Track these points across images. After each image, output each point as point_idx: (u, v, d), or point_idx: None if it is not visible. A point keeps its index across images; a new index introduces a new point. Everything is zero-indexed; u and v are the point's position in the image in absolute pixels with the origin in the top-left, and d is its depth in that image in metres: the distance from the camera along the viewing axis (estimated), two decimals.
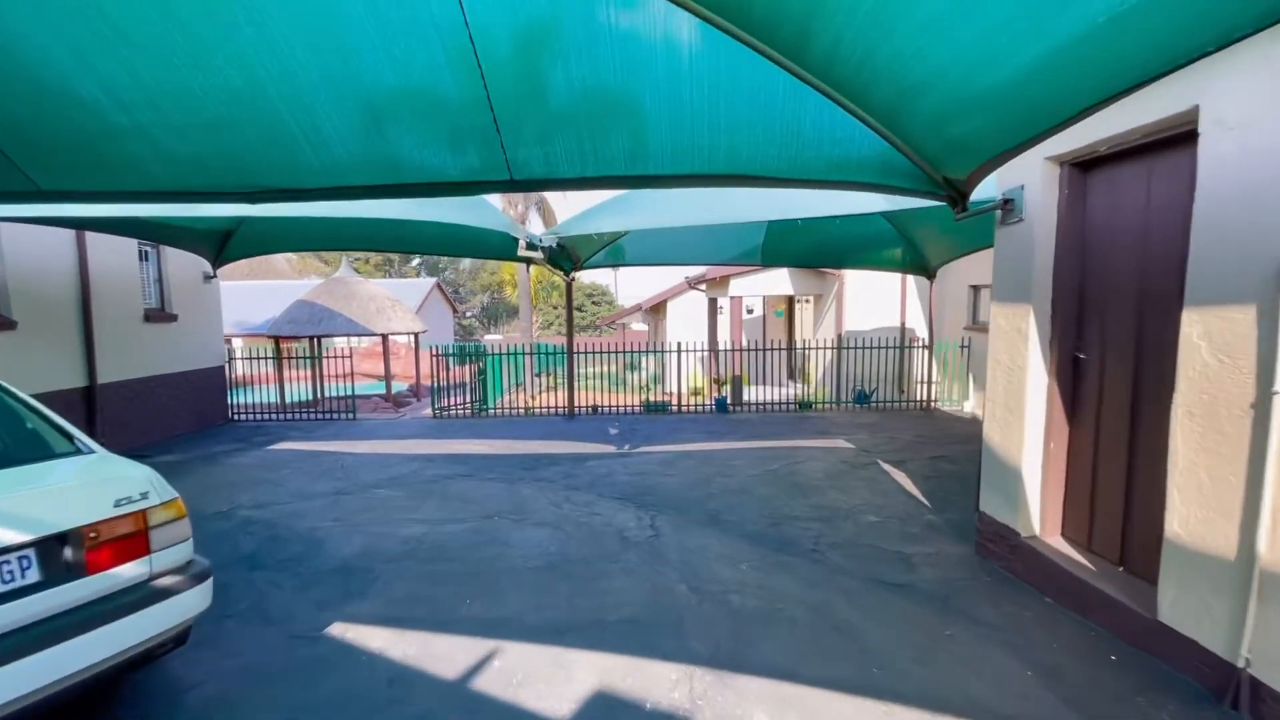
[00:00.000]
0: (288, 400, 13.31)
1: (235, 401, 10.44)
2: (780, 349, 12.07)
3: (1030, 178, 3.74)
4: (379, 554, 4.52)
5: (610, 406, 10.76)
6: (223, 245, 9.10)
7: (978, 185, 3.80)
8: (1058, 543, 3.75)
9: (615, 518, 5.27)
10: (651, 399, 10.87)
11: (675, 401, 10.88)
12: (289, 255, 48.15)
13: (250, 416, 10.46)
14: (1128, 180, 3.26)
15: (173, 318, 8.92)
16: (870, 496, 5.80)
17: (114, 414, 7.78)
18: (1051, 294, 3.70)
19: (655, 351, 10.79)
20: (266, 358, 10.87)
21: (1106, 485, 3.43)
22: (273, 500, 5.86)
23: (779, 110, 3.70)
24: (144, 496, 2.43)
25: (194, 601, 2.57)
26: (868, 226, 9.16)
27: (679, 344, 10.83)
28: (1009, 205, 3.89)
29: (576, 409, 10.50)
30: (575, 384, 10.41)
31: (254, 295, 30.60)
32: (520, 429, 9.44)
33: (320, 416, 10.65)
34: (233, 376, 10.89)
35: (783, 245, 9.43)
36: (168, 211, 5.11)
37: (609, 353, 11.16)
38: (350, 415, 10.64)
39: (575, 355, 10.40)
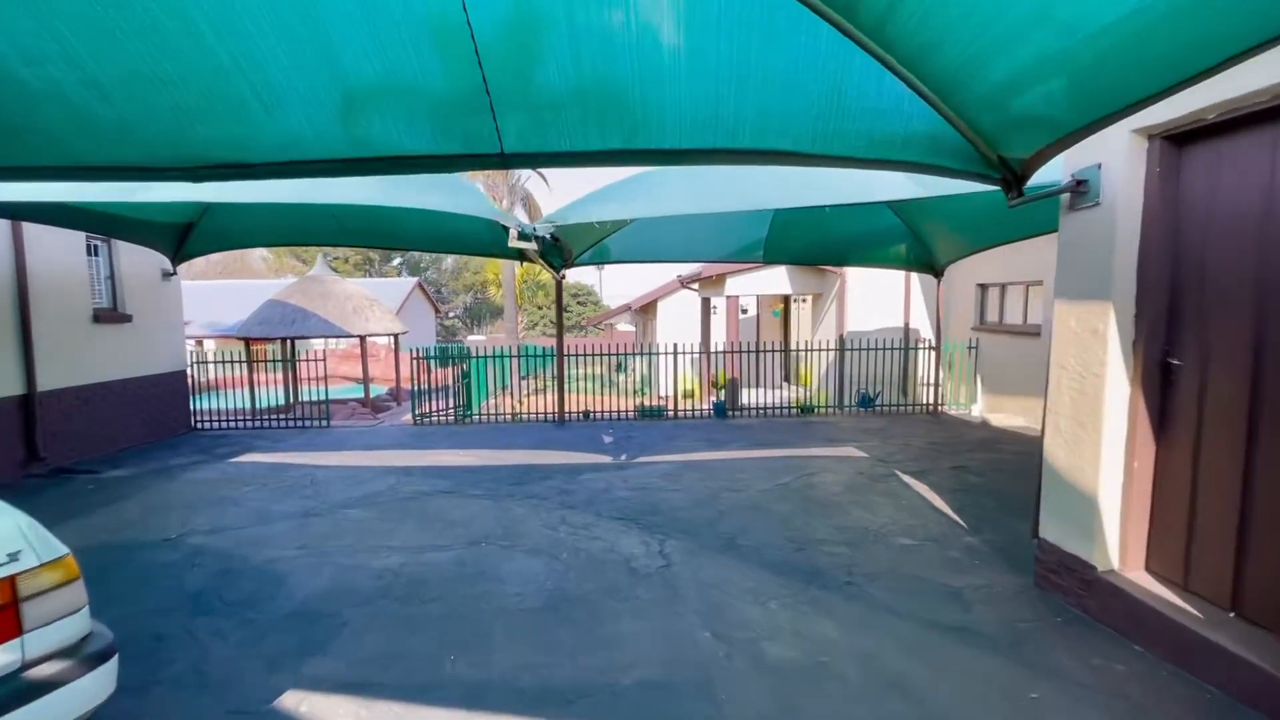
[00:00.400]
0: (259, 406, 12.57)
1: (201, 408, 9.68)
2: (779, 350, 11.55)
3: (1110, 155, 3.21)
4: (348, 592, 3.88)
5: (603, 412, 10.17)
6: (182, 239, 8.38)
7: (1041, 167, 3.28)
8: (1142, 579, 3.22)
9: (619, 543, 4.68)
10: (646, 404, 10.30)
11: (671, 406, 10.31)
12: (264, 254, 46.96)
13: (216, 424, 9.72)
14: (1244, 153, 2.74)
15: (126, 318, 8.18)
16: (897, 514, 5.26)
17: (56, 425, 7.04)
18: (1135, 289, 3.17)
19: (651, 353, 10.21)
20: (234, 361, 10.14)
21: (1211, 514, 2.91)
22: (230, 524, 5.19)
23: (818, 73, 3.14)
24: (13, 558, 1.80)
25: (89, 692, 1.94)
26: (876, 221, 8.66)
27: (675, 345, 10.26)
28: (1082, 187, 3.36)
29: (567, 414, 9.89)
30: (565, 388, 9.80)
31: (227, 295, 29.58)
32: (507, 437, 8.81)
33: (292, 424, 9.93)
34: (200, 381, 10.15)
35: (786, 240, 8.89)
36: (109, 196, 4.45)
37: (602, 355, 10.56)
38: (324, 423, 9.94)
39: (565, 357, 9.79)
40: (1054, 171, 3.75)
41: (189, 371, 9.50)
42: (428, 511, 5.46)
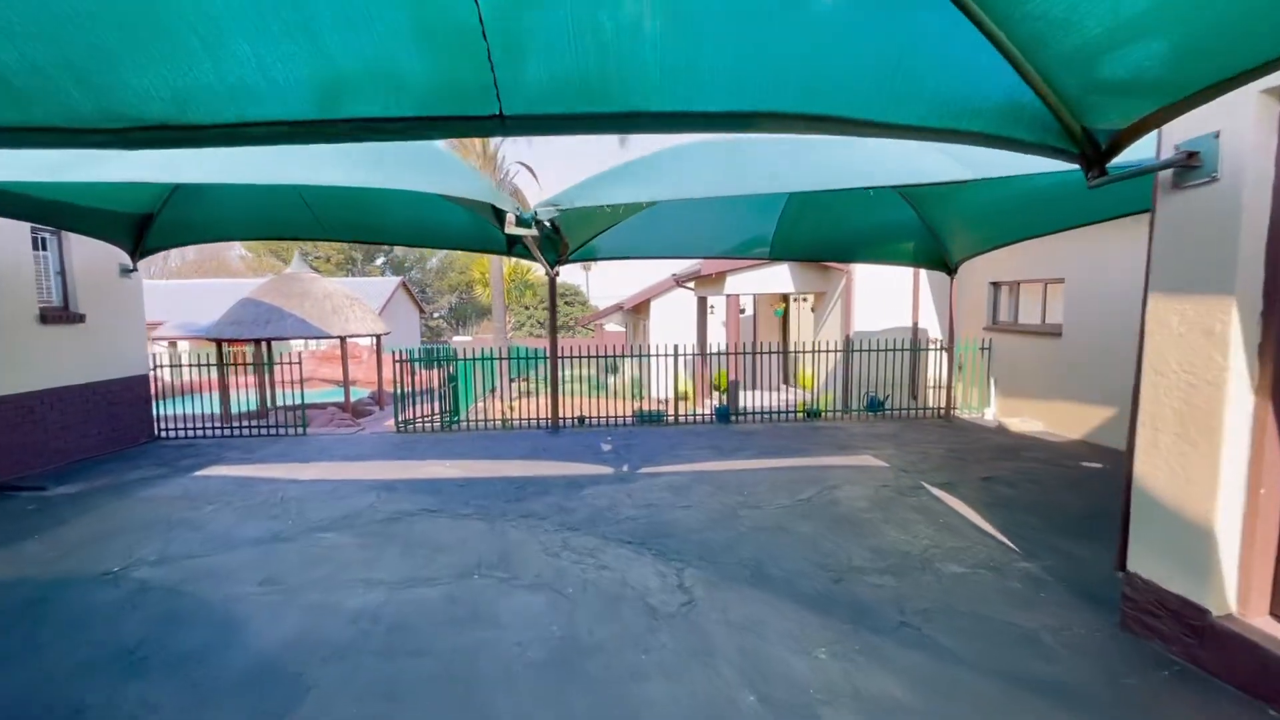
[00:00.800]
0: (233, 412, 11.84)
1: (168, 414, 8.95)
2: (780, 351, 11.04)
3: (1234, 121, 2.69)
4: (317, 643, 3.27)
5: (598, 418, 9.57)
6: (141, 232, 7.67)
7: (1137, 140, 2.77)
8: (1270, 626, 2.70)
9: (632, 574, 4.10)
10: (645, 408, 9.73)
11: (671, 411, 9.74)
12: (243, 253, 45.84)
13: (182, 432, 9.00)
14: None
15: (79, 318, 7.46)
16: (937, 535, 4.74)
17: None
18: (1264, 282, 2.65)
19: (652, 355, 9.64)
20: (199, 365, 9.42)
21: None
22: (185, 552, 4.55)
23: (883, 21, 2.63)
24: None
25: None
26: (890, 215, 8.17)
27: (676, 346, 9.70)
28: (1193, 160, 2.84)
29: (561, 420, 9.29)
30: (560, 393, 9.20)
31: (203, 295, 28.65)
32: (498, 446, 8.19)
33: (266, 431, 9.24)
34: (171, 384, 9.44)
35: (794, 236, 8.36)
36: (29, 176, 3.78)
37: (600, 356, 9.97)
38: (300, 430, 9.25)
39: (558, 359, 9.20)
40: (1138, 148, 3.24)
41: (151, 375, 8.77)
42: (413, 535, 4.85)
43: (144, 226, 7.63)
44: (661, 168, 4.38)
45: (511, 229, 3.77)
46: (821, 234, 8.47)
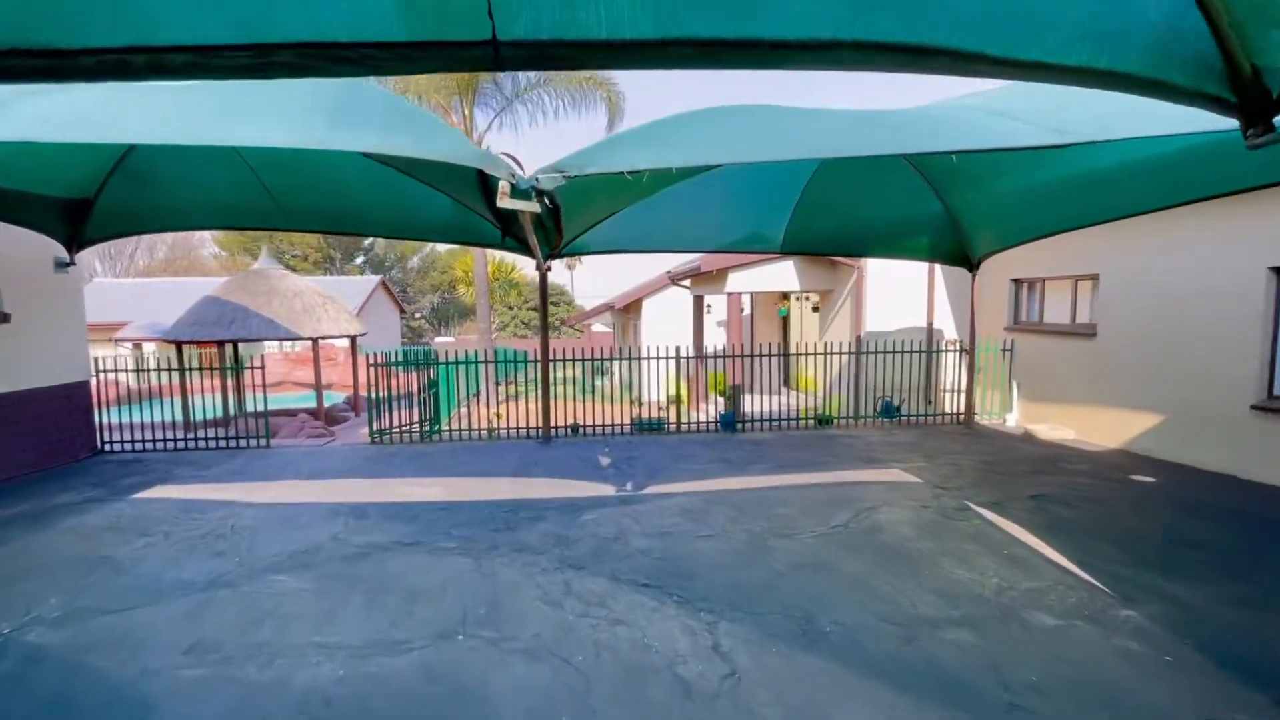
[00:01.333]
0: (196, 419, 10.88)
1: (120, 423, 7.98)
2: (793, 354, 10.32)
3: None
4: None
5: (593, 426, 8.78)
6: (78, 220, 6.75)
7: None
8: None
9: (654, 630, 3.32)
10: (643, 416, 8.95)
11: (673, 418, 8.98)
12: (217, 251, 44.36)
13: (131, 445, 8.05)
14: None
15: (3, 318, 6.52)
16: (1005, 571, 4.02)
17: None
18: None
19: (652, 358, 8.88)
20: (152, 370, 8.47)
21: None
22: (99, 605, 3.69)
23: None
24: None
25: None
26: (915, 205, 7.49)
27: (678, 348, 8.94)
28: None
29: (553, 429, 8.48)
30: (551, 398, 8.38)
31: (173, 294, 27.35)
32: (484, 460, 7.37)
33: (227, 442, 8.30)
34: (129, 390, 8.49)
35: (811, 227, 7.64)
36: None
37: (598, 360, 9.18)
38: (263, 441, 8.34)
39: (548, 363, 8.39)
40: None
41: (95, 382, 7.83)
42: (383, 577, 4.03)
43: (81, 214, 6.71)
44: (694, 127, 3.59)
45: (506, 202, 2.96)
46: (838, 226, 7.77)
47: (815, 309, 14.53)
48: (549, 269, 7.93)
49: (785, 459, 7.16)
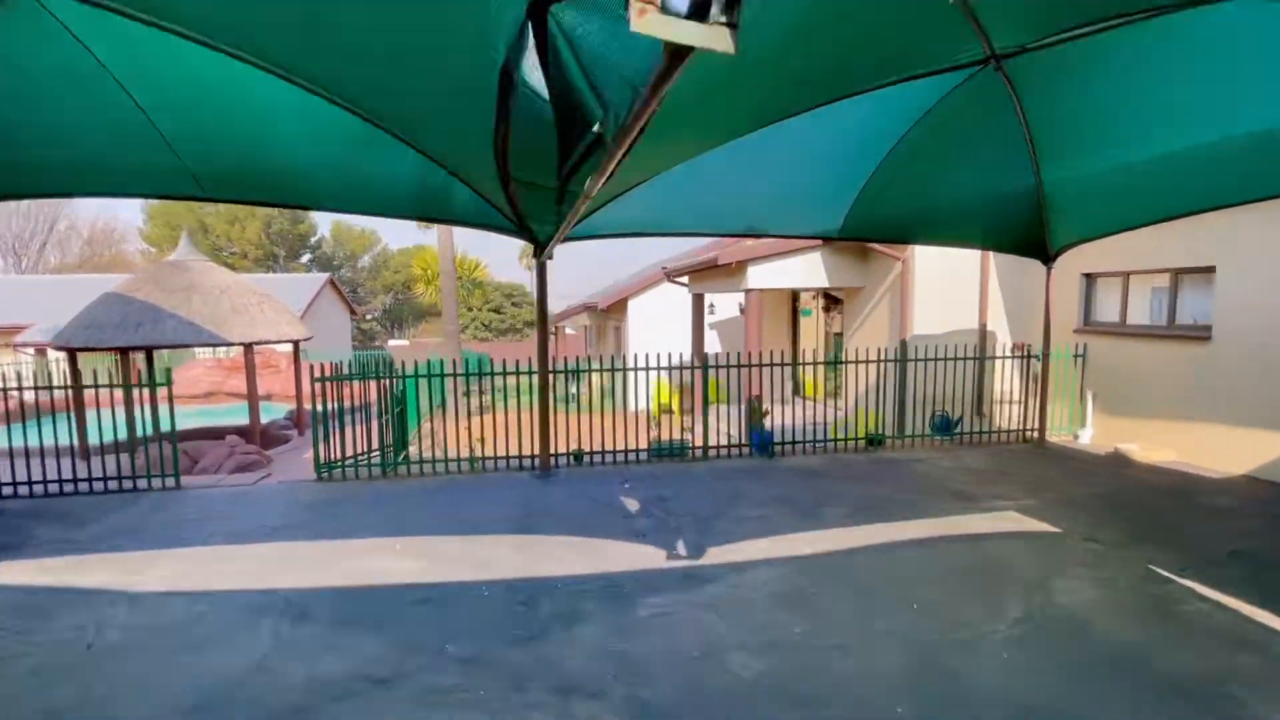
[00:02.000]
0: (96, 443, 8.69)
1: None
2: (833, 362, 8.81)
3: None
4: None
5: (600, 452, 7.05)
6: None
7: None
8: None
9: None
10: (661, 439, 7.30)
11: (698, 441, 7.35)
12: (145, 247, 40.69)
13: None
14: None
15: None
16: None
17: None
18: None
19: (668, 368, 7.24)
20: (15, 389, 6.38)
21: None
22: None
23: None
24: None
25: None
26: (1007, 179, 6.06)
27: (707, 357, 7.31)
28: None
29: (553, 459, 6.74)
30: (548, 417, 6.63)
31: (89, 292, 24.36)
32: (471, 505, 5.60)
33: (120, 482, 6.25)
34: (22, 405, 6.38)
35: (882, 203, 6.12)
36: None
37: (607, 370, 7.46)
38: (172, 480, 6.34)
39: (548, 374, 6.65)
40: None
41: None
42: None
43: None
44: None
45: (650, 26, 1.35)
46: (911, 202, 6.27)
47: (826, 309, 13.13)
48: (550, 257, 6.22)
49: (859, 497, 5.61)
